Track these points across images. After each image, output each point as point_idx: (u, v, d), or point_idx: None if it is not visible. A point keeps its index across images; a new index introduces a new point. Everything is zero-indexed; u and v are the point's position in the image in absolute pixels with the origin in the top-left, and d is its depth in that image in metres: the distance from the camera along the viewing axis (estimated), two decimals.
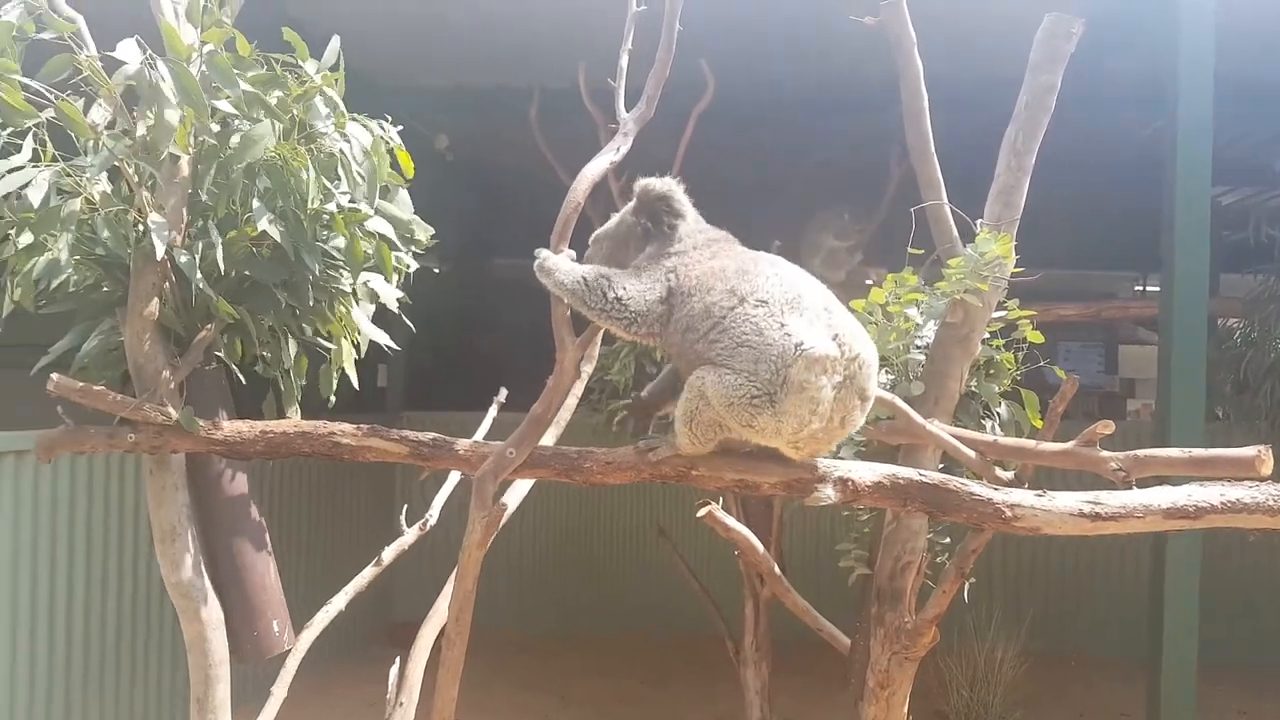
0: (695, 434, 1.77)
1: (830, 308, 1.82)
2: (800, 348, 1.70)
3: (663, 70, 1.93)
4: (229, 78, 1.77)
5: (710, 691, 5.43)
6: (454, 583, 1.87)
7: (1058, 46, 2.46)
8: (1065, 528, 1.70)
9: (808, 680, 5.04)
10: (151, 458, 2.00)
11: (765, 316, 1.74)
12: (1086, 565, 6.37)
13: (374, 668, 5.15)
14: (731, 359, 1.74)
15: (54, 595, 3.80)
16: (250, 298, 2.05)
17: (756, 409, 1.70)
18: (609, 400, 3.91)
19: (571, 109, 4.16)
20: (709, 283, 1.81)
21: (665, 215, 1.95)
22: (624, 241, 2.02)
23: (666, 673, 5.86)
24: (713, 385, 1.73)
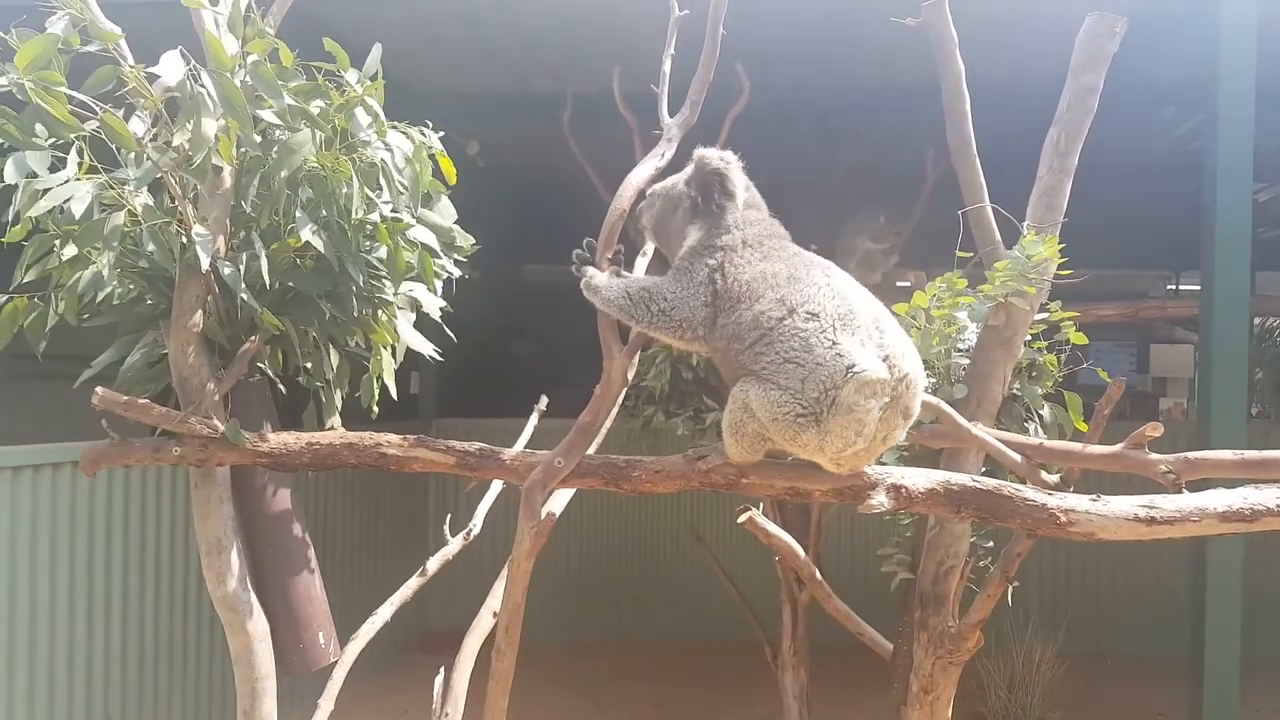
0: (743, 445, 1.75)
1: (881, 323, 1.78)
2: (852, 370, 1.66)
3: (706, 75, 1.92)
4: (274, 88, 1.77)
5: (748, 696, 5.41)
6: (503, 594, 1.86)
7: (1100, 46, 2.42)
8: (1120, 533, 1.66)
9: (846, 685, 5.01)
10: (197, 471, 2.01)
11: (816, 332, 1.70)
12: (1123, 565, 6.29)
13: (406, 675, 5.19)
14: (777, 374, 1.70)
15: (102, 607, 3.83)
16: (294, 308, 2.05)
17: (801, 426, 1.67)
18: (645, 406, 3.90)
19: (605, 113, 4.15)
20: (758, 289, 1.77)
21: (716, 193, 1.91)
22: (674, 206, 1.99)
23: (702, 678, 5.84)
24: (757, 399, 1.71)
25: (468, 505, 6.91)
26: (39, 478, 3.50)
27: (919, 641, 2.77)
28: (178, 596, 4.32)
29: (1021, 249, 2.21)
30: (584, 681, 5.63)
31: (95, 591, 3.80)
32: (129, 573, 4.04)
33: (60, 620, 3.63)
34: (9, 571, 3.40)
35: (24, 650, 3.46)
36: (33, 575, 3.50)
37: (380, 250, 2.07)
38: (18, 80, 1.58)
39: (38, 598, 3.52)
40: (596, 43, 3.98)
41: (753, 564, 5.95)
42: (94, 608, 3.79)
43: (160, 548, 4.21)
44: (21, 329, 1.96)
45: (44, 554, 3.54)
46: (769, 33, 3.64)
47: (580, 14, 3.71)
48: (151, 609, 4.17)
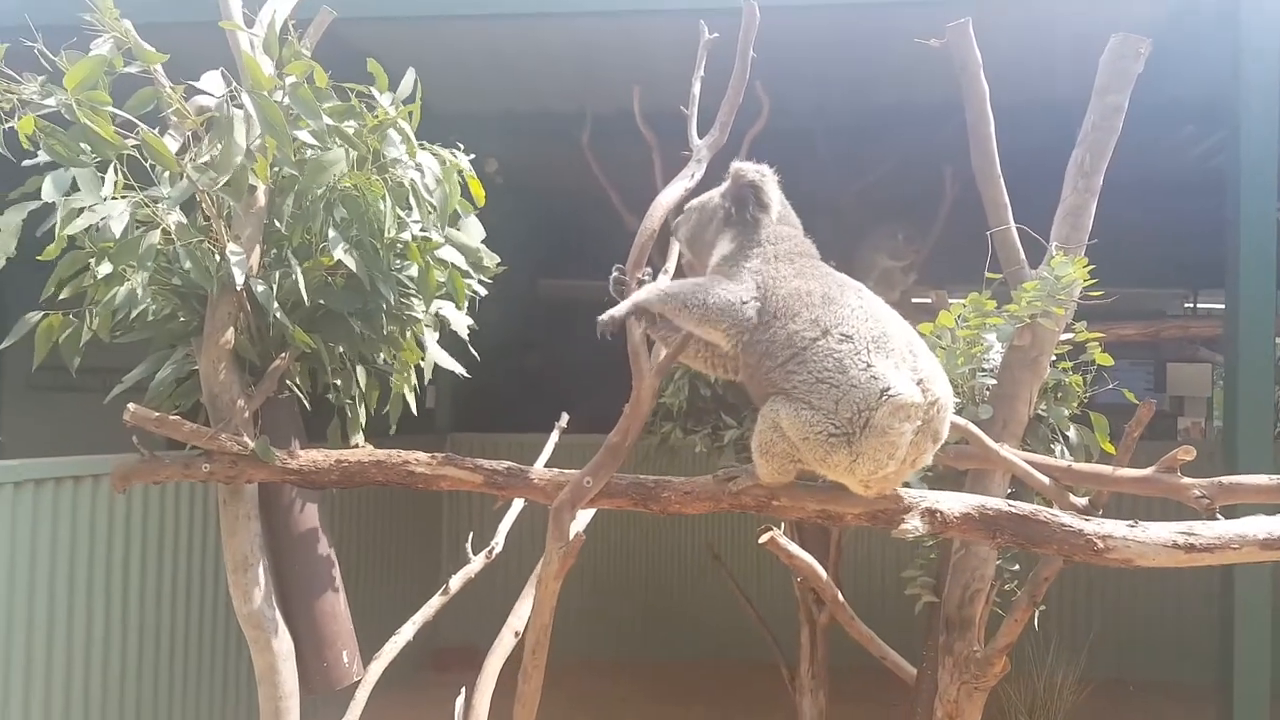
0: (773, 465, 1.75)
1: (914, 347, 1.78)
2: (887, 393, 1.66)
3: (736, 97, 1.93)
4: (313, 109, 1.79)
5: (765, 719, 5.37)
6: (531, 615, 1.86)
7: (1125, 67, 2.43)
8: (1158, 559, 1.65)
9: (865, 709, 4.96)
10: (225, 487, 2.01)
11: (850, 354, 1.70)
12: (1146, 587, 6.23)
13: (420, 693, 5.16)
14: (810, 394, 1.70)
15: (129, 621, 3.85)
16: (324, 326, 2.06)
17: (832, 447, 1.67)
18: (662, 423, 3.90)
19: (624, 133, 4.17)
20: (794, 307, 1.77)
21: (751, 204, 1.92)
22: (709, 219, 2.01)
23: (719, 699, 5.79)
24: (788, 418, 1.70)
25: (482, 520, 6.90)
26: (61, 490, 3.52)
27: (944, 666, 2.75)
28: (205, 613, 4.35)
29: (1050, 269, 2.20)
30: (599, 700, 5.60)
31: (123, 605, 3.81)
32: (160, 588, 4.07)
33: (85, 633, 3.64)
34: (32, 581, 3.41)
35: (42, 661, 3.46)
36: (57, 587, 3.51)
37: (411, 269, 2.08)
38: (66, 101, 1.59)
39: (59, 609, 3.53)
40: (616, 63, 4.01)
41: (770, 584, 5.93)
42: (121, 622, 3.81)
43: (190, 563, 4.24)
44: (56, 344, 1.98)
45: (70, 566, 3.56)
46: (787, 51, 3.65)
47: (601, 35, 3.74)
48: (182, 625, 4.20)
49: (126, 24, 1.78)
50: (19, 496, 3.34)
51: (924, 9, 3.43)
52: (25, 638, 3.38)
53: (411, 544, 6.25)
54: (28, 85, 1.63)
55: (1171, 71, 3.88)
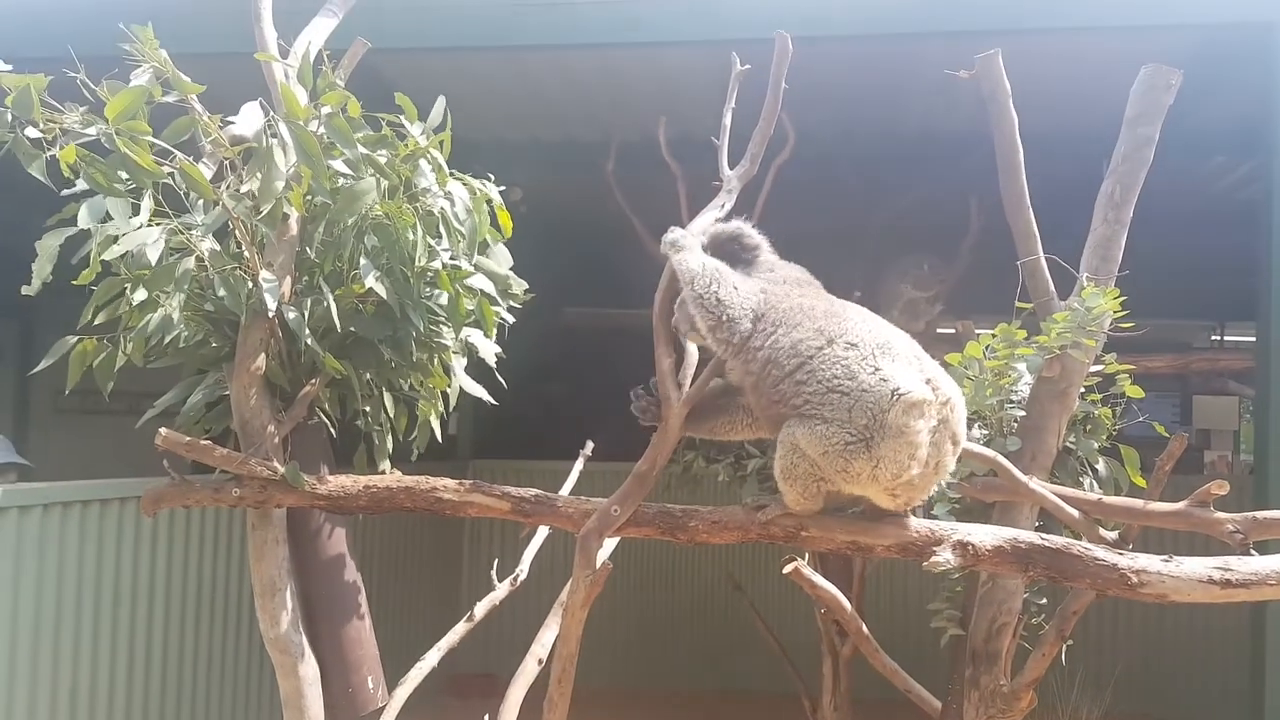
0: (797, 490, 1.74)
1: (919, 355, 1.80)
2: (898, 392, 1.66)
3: (767, 129, 1.94)
4: (348, 139, 1.82)
5: None
6: (558, 644, 1.85)
7: (1156, 99, 2.42)
8: (1194, 595, 1.62)
9: None
10: (255, 512, 2.02)
11: (857, 360, 1.71)
12: (1173, 623, 6.12)
13: (438, 718, 5.14)
14: (822, 406, 1.70)
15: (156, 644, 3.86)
16: (354, 353, 2.08)
17: (852, 454, 1.66)
18: (685, 451, 3.89)
19: (649, 162, 4.20)
20: (796, 318, 1.79)
21: (741, 251, 1.96)
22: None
23: None
24: (804, 437, 1.70)
25: (502, 547, 6.88)
26: (88, 513, 3.54)
27: (969, 700, 2.71)
28: (232, 636, 4.36)
29: (1081, 300, 2.19)
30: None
31: (148, 629, 3.82)
32: (187, 611, 4.09)
33: (110, 656, 3.64)
34: (59, 602, 3.43)
35: (67, 682, 3.47)
36: (83, 609, 3.52)
37: (441, 297, 2.09)
38: (106, 130, 1.63)
39: (85, 631, 3.54)
40: (643, 92, 4.04)
41: (791, 615, 5.87)
42: (147, 645, 3.82)
43: (217, 588, 4.26)
44: (90, 369, 2.00)
45: (96, 589, 3.57)
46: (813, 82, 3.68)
47: (629, 65, 3.78)
48: (209, 649, 4.21)
49: (164, 55, 1.81)
50: (46, 519, 3.36)
51: (949, 40, 3.44)
52: (52, 660, 3.39)
53: (431, 570, 6.24)
54: (70, 115, 1.66)
55: (1202, 102, 3.87)
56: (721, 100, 2.12)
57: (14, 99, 1.59)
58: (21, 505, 3.26)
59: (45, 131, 1.64)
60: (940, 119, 4.04)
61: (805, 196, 4.92)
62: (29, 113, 1.59)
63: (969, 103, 3.65)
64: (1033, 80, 2.66)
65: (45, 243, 1.80)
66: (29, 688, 3.30)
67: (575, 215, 5.75)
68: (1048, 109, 3.49)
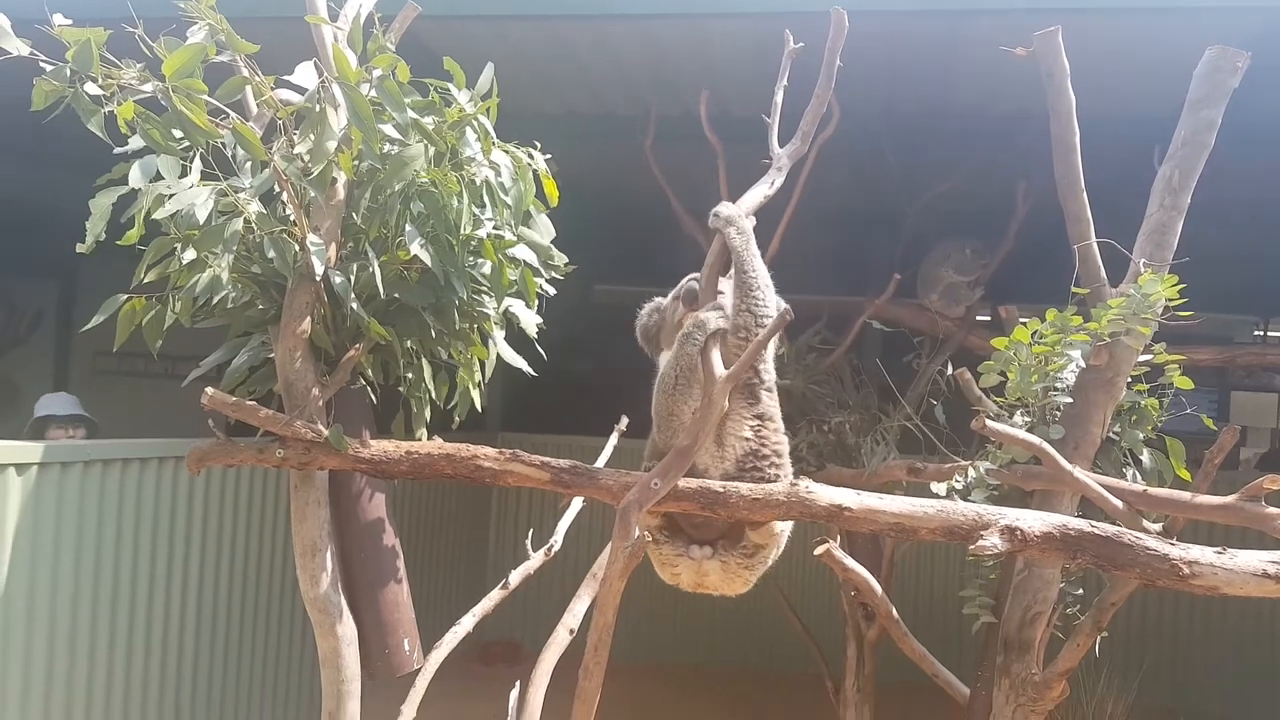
0: None
1: None
2: None
3: (820, 106, 1.91)
4: (398, 102, 1.81)
5: None
6: (595, 614, 1.85)
7: (1221, 81, 2.36)
8: (1247, 588, 1.59)
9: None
10: (297, 473, 2.04)
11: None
12: (1204, 618, 6.07)
13: (464, 684, 5.18)
14: None
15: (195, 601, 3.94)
16: (397, 319, 2.08)
17: None
18: None
19: (687, 136, 4.16)
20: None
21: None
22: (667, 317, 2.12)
23: (759, 708, 5.76)
24: None
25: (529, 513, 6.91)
26: (128, 470, 3.60)
27: (999, 687, 2.70)
28: (273, 595, 4.45)
29: (1137, 287, 2.14)
30: (642, 702, 5.59)
31: (182, 585, 3.89)
32: (230, 571, 4.17)
33: (146, 609, 3.72)
34: (98, 558, 3.49)
35: (105, 635, 3.54)
36: (121, 565, 3.59)
37: (484, 266, 2.09)
38: (163, 87, 1.63)
39: (123, 586, 3.61)
40: (685, 66, 3.99)
41: (815, 596, 5.87)
42: (183, 601, 3.89)
43: (259, 547, 4.34)
44: (139, 328, 2.02)
45: (134, 545, 3.64)
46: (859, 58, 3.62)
47: (672, 37, 3.72)
48: (250, 607, 4.32)
49: (220, 15, 1.81)
50: (88, 475, 3.42)
51: (998, 17, 3.36)
52: (90, 613, 3.46)
53: (459, 537, 6.29)
54: (127, 71, 1.66)
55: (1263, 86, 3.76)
56: (763, 75, 2.10)
57: (74, 53, 1.59)
58: (64, 461, 3.32)
59: (104, 87, 1.65)
60: (991, 100, 3.95)
61: (847, 175, 4.86)
62: (89, 67, 1.59)
63: (1018, 83, 3.57)
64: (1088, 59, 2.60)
65: (98, 201, 1.81)
66: (69, 640, 3.37)
67: (609, 189, 5.72)
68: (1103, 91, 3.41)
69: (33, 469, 3.19)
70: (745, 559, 1.94)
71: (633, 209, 5.84)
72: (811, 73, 2.06)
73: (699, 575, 1.96)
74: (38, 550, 3.23)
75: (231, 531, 4.18)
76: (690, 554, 1.93)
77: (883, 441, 3.82)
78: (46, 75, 1.62)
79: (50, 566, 3.28)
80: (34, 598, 3.23)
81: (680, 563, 1.95)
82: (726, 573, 1.96)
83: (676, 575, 1.98)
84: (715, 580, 1.97)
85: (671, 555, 1.95)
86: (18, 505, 3.15)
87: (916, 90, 3.96)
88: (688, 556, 1.94)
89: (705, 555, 1.93)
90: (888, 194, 4.86)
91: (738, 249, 1.89)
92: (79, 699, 3.42)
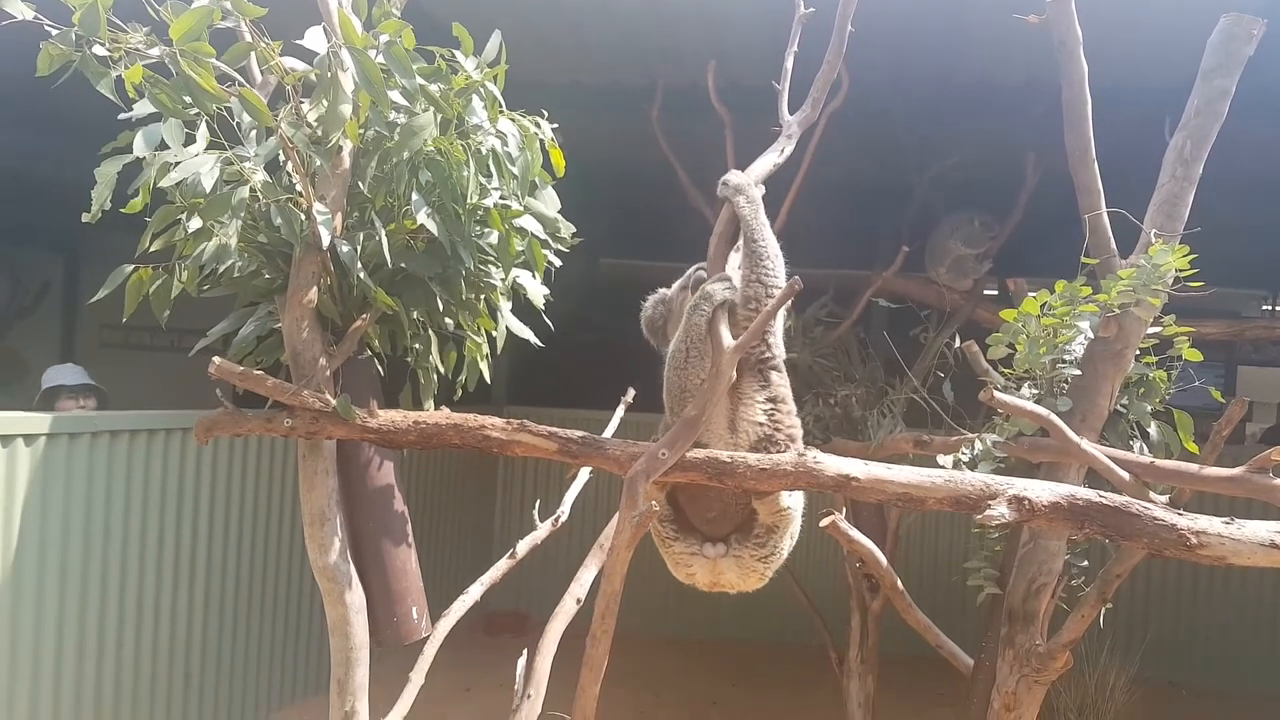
0: None
1: None
2: None
3: (831, 73, 1.89)
4: (406, 68, 1.79)
5: (809, 700, 5.37)
6: (602, 582, 1.86)
7: (1236, 50, 2.33)
8: (1254, 558, 1.59)
9: (909, 696, 4.93)
10: (305, 443, 2.04)
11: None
12: (1207, 592, 6.09)
13: (468, 654, 5.24)
14: None
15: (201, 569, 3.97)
16: (403, 290, 2.07)
17: None
18: None
19: (695, 108, 4.12)
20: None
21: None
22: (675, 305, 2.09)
23: (763, 680, 5.81)
24: None
25: (534, 484, 6.92)
26: (135, 442, 3.61)
27: (1004, 658, 2.71)
28: (282, 564, 4.48)
29: (1148, 258, 2.13)
30: (646, 673, 5.64)
31: (192, 554, 3.92)
32: (240, 540, 4.19)
33: (157, 578, 3.75)
34: (107, 527, 3.51)
35: (115, 602, 3.57)
36: (130, 534, 3.61)
37: (491, 236, 2.08)
38: (170, 51, 1.61)
39: (132, 555, 3.63)
40: (693, 35, 3.95)
41: (819, 568, 5.90)
42: (191, 569, 3.92)
43: (269, 517, 4.36)
44: (147, 298, 2.02)
45: (143, 515, 3.66)
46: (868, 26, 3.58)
47: (679, 6, 3.68)
48: (260, 575, 4.35)
49: None
50: (95, 446, 3.43)
51: None
52: (100, 581, 3.49)
53: (465, 507, 6.32)
54: (134, 34, 1.65)
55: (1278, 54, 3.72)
56: (771, 45, 2.08)
57: (80, 16, 1.57)
58: (72, 432, 3.33)
59: (111, 51, 1.63)
60: (1001, 70, 3.91)
61: (856, 147, 4.82)
62: (95, 31, 1.58)
63: (1029, 52, 3.54)
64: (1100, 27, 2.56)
65: (104, 169, 1.80)
66: (78, 609, 3.40)
67: (615, 162, 5.68)
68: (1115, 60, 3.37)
69: (41, 440, 3.21)
70: (759, 550, 1.92)
71: (639, 181, 5.80)
72: (821, 41, 2.04)
73: (714, 574, 1.95)
74: (47, 520, 3.25)
75: (240, 501, 4.20)
76: (704, 552, 1.92)
77: (889, 415, 3.82)
78: (53, 39, 1.61)
79: (59, 536, 3.31)
80: (44, 567, 3.25)
81: (695, 562, 1.94)
82: (742, 568, 1.94)
83: (691, 575, 1.97)
84: (731, 578, 1.96)
85: (685, 555, 1.94)
86: (26, 476, 3.17)
87: (926, 59, 3.91)
88: (701, 555, 1.93)
89: (719, 553, 1.92)
90: (896, 166, 4.82)
91: (746, 218, 1.88)
92: (89, 666, 3.45)
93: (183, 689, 3.91)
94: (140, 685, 3.68)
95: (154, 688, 3.75)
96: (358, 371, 2.09)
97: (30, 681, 3.22)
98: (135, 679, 3.66)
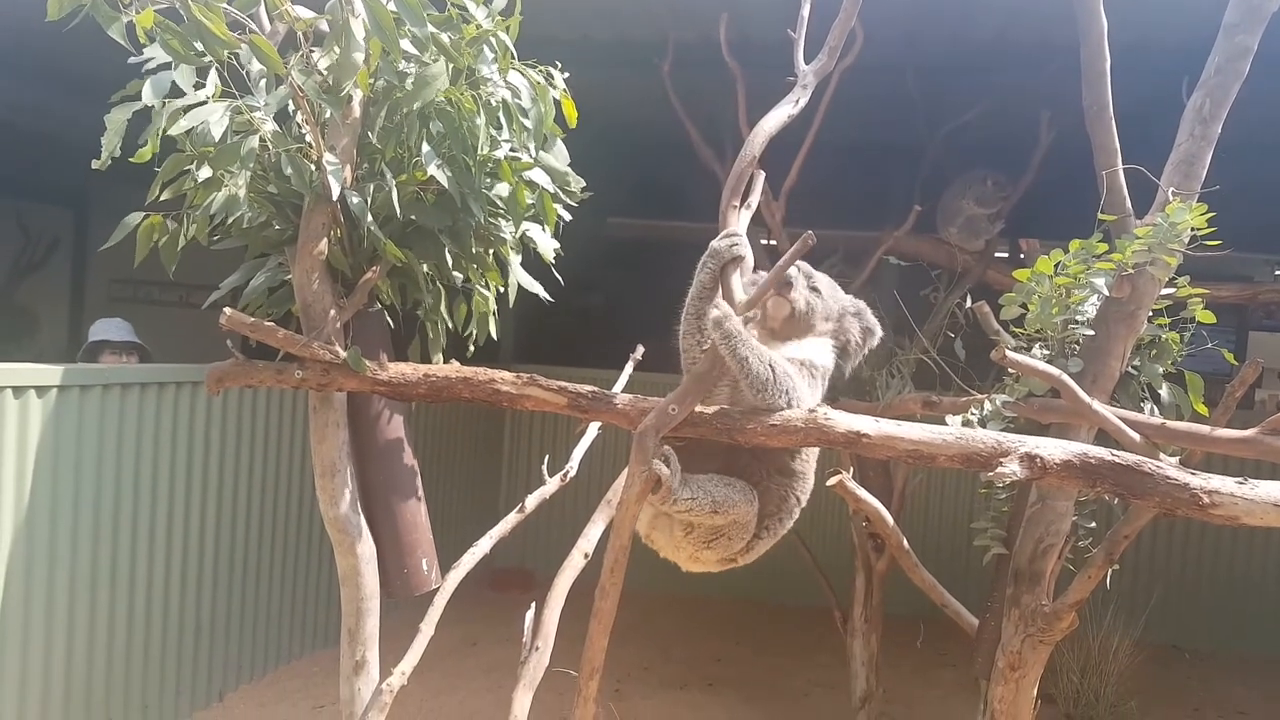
0: None
1: None
2: None
3: (848, 20, 1.85)
4: (418, 16, 1.76)
5: (814, 660, 5.43)
6: (611, 536, 1.87)
7: (1259, 4, 2.28)
8: (1267, 518, 1.58)
9: (913, 656, 4.98)
10: (316, 395, 2.05)
11: None
12: (1213, 555, 6.12)
13: (474, 609, 5.30)
14: None
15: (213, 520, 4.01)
16: (413, 242, 2.06)
17: None
18: None
19: (706, 63, 4.06)
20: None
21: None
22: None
23: (769, 638, 5.87)
24: None
25: (541, 439, 6.94)
26: (146, 394, 3.63)
27: (1009, 618, 2.73)
28: (293, 515, 4.52)
29: (1165, 216, 2.10)
30: (653, 631, 5.71)
31: (202, 505, 3.95)
32: (250, 491, 4.23)
33: (168, 530, 3.79)
34: (118, 479, 3.54)
35: (127, 554, 3.61)
36: (141, 485, 3.64)
37: (500, 188, 2.06)
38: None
39: (144, 506, 3.67)
40: None
41: (822, 528, 5.93)
42: (202, 520, 3.95)
43: (280, 468, 4.39)
44: (156, 249, 2.01)
45: (153, 467, 3.69)
46: None
47: None
48: (271, 526, 4.40)
49: None
50: (106, 399, 3.45)
51: None
52: (112, 533, 3.52)
53: (472, 469, 6.36)
54: None
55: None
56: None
57: None
58: (82, 385, 3.35)
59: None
60: (1017, 26, 3.84)
61: (868, 105, 4.75)
62: None
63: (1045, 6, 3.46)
64: None
65: (113, 116, 1.79)
66: (90, 560, 3.44)
67: (625, 119, 5.62)
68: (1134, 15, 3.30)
69: (53, 392, 3.22)
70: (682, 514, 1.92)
71: (649, 139, 5.74)
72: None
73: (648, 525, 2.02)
74: (59, 472, 3.28)
75: (250, 453, 4.23)
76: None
77: (898, 375, 3.81)
78: None
79: (71, 488, 3.33)
80: (56, 518, 3.29)
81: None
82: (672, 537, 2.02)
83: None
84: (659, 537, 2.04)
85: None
86: (38, 427, 3.19)
87: (940, 15, 3.84)
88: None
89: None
90: (908, 125, 4.76)
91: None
92: (102, 616, 3.50)
93: (193, 641, 3.96)
94: (152, 636, 3.74)
95: (165, 639, 3.80)
96: (368, 324, 2.08)
97: (43, 632, 3.27)
98: (147, 630, 3.71)
